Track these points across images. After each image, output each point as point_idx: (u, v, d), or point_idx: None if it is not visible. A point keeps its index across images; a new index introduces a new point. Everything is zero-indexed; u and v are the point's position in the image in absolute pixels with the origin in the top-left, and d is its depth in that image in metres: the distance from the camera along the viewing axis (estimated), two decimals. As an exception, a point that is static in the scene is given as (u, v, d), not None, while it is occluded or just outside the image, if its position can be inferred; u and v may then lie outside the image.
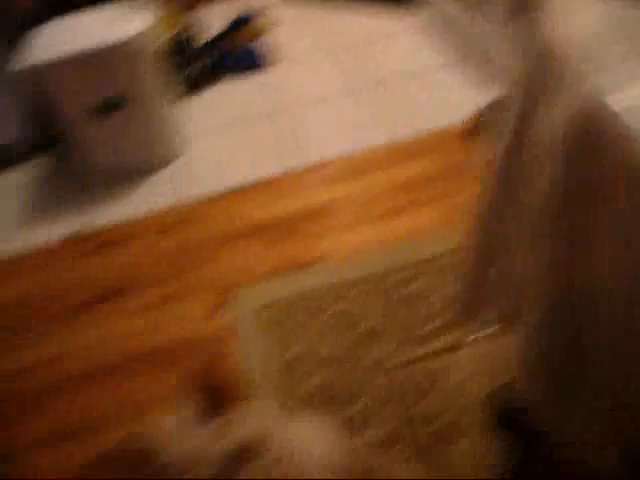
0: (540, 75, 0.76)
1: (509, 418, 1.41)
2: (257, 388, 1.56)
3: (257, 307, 1.76)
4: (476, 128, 2.14)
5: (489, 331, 1.06)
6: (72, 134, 2.26)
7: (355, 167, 2.22)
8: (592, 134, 0.68)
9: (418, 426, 1.43)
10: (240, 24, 2.87)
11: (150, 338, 1.76)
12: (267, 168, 2.28)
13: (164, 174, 2.35)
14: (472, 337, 1.55)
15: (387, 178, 2.15)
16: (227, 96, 2.70)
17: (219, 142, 2.47)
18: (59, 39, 2.09)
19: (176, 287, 1.90)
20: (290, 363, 1.60)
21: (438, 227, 1.92)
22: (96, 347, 1.76)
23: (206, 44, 2.82)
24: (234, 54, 2.82)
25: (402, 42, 2.81)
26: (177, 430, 0.80)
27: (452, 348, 1.56)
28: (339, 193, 2.13)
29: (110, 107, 2.18)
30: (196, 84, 2.74)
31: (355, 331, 1.65)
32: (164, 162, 2.38)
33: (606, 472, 0.81)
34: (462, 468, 1.35)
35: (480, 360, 1.53)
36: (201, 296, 1.85)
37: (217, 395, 0.81)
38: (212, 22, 2.93)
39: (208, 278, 1.90)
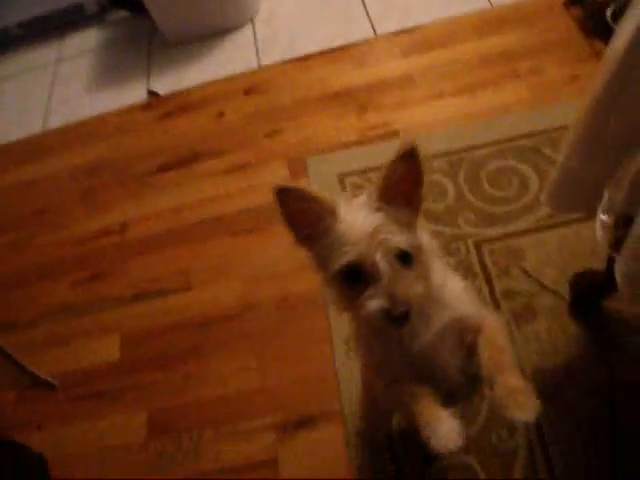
0: None
1: (587, 304, 1.40)
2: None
3: (333, 176, 1.74)
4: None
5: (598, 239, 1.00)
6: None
7: (443, 35, 2.09)
8: None
9: (497, 300, 1.44)
10: None
11: (225, 204, 1.78)
12: (346, 34, 2.17)
13: (237, 38, 2.27)
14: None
15: (475, 49, 2.01)
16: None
17: (295, 4, 2.34)
18: None
19: (250, 154, 1.89)
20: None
21: (525, 105, 1.82)
22: (176, 210, 1.80)
23: None
24: None
25: None
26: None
27: (535, 229, 1.54)
28: (422, 62, 2.02)
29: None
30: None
31: (439, 203, 1.63)
32: (237, 25, 2.29)
33: None
34: (536, 348, 1.37)
35: (562, 244, 1.51)
36: (275, 163, 1.84)
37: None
38: None
39: (282, 146, 1.88)
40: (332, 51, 2.12)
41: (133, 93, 2.20)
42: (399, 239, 0.73)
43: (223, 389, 1.46)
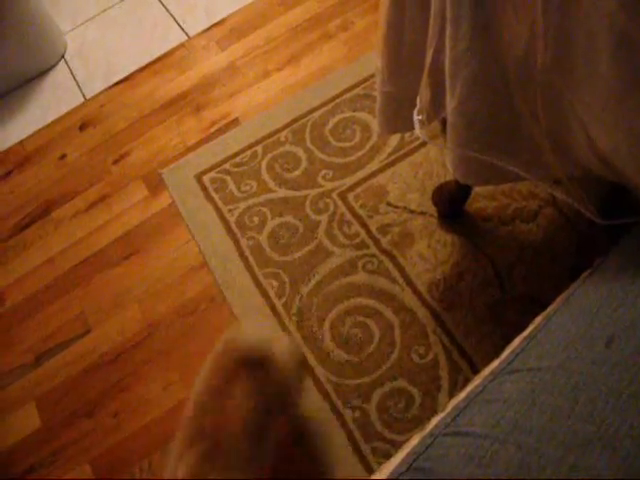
0: None
1: (452, 213, 1.54)
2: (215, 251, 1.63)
3: (191, 179, 1.77)
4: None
5: (419, 135, 1.11)
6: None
7: (251, 19, 2.16)
8: None
9: (372, 243, 1.54)
10: None
11: (96, 240, 1.76)
12: (160, 44, 2.18)
13: (53, 78, 2.21)
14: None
15: (285, 22, 2.11)
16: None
17: (100, 29, 2.33)
18: None
19: (104, 185, 1.87)
20: (238, 219, 1.65)
21: (345, 60, 1.94)
22: (49, 262, 1.76)
23: None
24: None
25: None
26: None
27: (388, 165, 1.65)
28: (240, 49, 2.08)
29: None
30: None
31: (295, 170, 1.70)
32: (48, 66, 2.23)
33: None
34: (423, 266, 1.48)
35: (415, 169, 1.63)
36: (132, 186, 1.84)
37: None
38: None
39: (133, 168, 1.88)
40: (152, 64, 2.13)
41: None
42: None
43: (155, 411, 1.46)
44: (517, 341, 0.75)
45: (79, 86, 2.16)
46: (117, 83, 2.12)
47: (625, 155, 0.79)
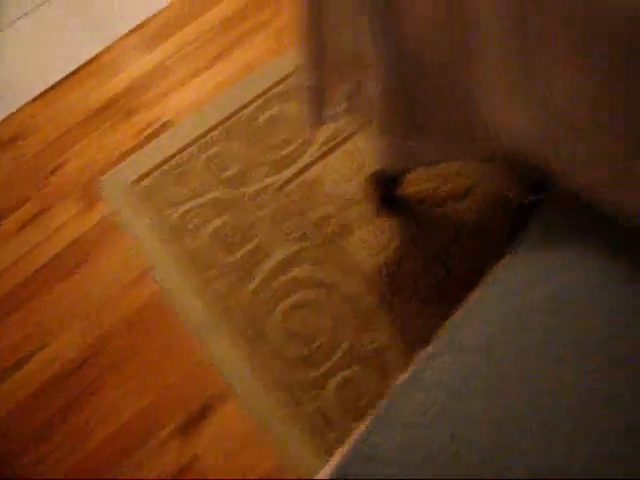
0: None
1: (388, 198, 1.57)
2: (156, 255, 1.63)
3: (127, 185, 1.75)
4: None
5: (348, 124, 1.13)
6: None
7: (178, 16, 2.13)
8: None
9: (313, 235, 1.57)
10: None
11: (34, 259, 1.73)
12: (83, 50, 2.13)
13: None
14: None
15: (215, 15, 2.09)
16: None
17: (15, 41, 2.25)
18: None
19: (37, 202, 1.83)
20: (178, 223, 1.65)
21: (275, 52, 1.94)
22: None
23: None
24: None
25: None
26: None
27: (320, 157, 1.67)
28: (169, 49, 2.05)
29: None
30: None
31: (228, 171, 1.71)
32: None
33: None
34: (367, 252, 1.51)
35: (347, 159, 1.65)
36: (69, 199, 1.80)
37: None
38: None
39: (67, 180, 1.84)
40: (77, 71, 2.08)
41: None
42: None
43: (117, 421, 1.46)
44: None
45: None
46: (41, 95, 2.05)
47: (520, 130, 0.83)
